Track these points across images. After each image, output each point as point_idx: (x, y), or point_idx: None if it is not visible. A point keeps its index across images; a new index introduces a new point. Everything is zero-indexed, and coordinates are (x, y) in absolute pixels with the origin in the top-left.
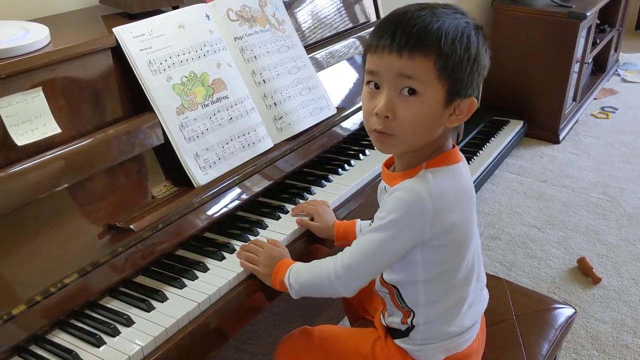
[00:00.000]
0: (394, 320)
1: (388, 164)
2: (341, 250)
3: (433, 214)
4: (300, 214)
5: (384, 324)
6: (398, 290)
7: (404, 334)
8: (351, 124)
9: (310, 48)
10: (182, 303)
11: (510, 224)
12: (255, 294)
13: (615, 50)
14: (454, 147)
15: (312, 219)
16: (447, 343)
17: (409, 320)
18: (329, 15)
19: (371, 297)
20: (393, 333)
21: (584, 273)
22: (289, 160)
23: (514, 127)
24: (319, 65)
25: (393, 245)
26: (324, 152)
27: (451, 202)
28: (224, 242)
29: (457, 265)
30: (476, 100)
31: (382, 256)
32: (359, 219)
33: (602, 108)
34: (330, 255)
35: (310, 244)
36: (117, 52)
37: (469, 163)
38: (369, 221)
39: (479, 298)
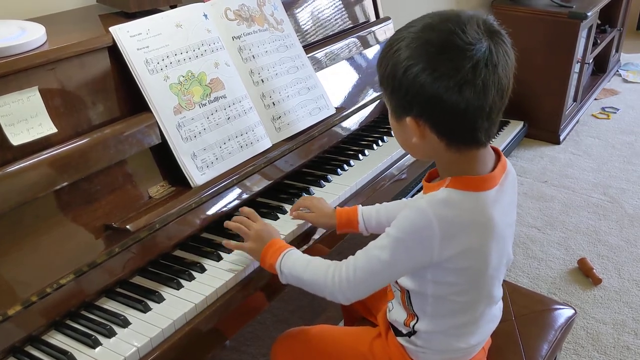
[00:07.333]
0: (398, 319)
1: (433, 175)
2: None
3: (440, 239)
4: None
5: (389, 320)
6: (409, 293)
7: (406, 335)
8: (351, 124)
9: (309, 48)
10: (179, 304)
11: None
12: (254, 294)
13: (617, 51)
14: (491, 173)
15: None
16: (449, 354)
17: (411, 324)
18: (328, 14)
19: (376, 296)
20: (395, 331)
21: (585, 274)
22: (288, 160)
23: (514, 128)
24: (318, 65)
25: (399, 265)
26: (323, 152)
27: (462, 230)
28: (221, 243)
29: (468, 288)
30: (415, 121)
31: (387, 275)
32: (360, 205)
33: (603, 108)
34: (329, 255)
35: (309, 244)
36: (114, 51)
37: None
38: (372, 207)
39: (491, 317)
